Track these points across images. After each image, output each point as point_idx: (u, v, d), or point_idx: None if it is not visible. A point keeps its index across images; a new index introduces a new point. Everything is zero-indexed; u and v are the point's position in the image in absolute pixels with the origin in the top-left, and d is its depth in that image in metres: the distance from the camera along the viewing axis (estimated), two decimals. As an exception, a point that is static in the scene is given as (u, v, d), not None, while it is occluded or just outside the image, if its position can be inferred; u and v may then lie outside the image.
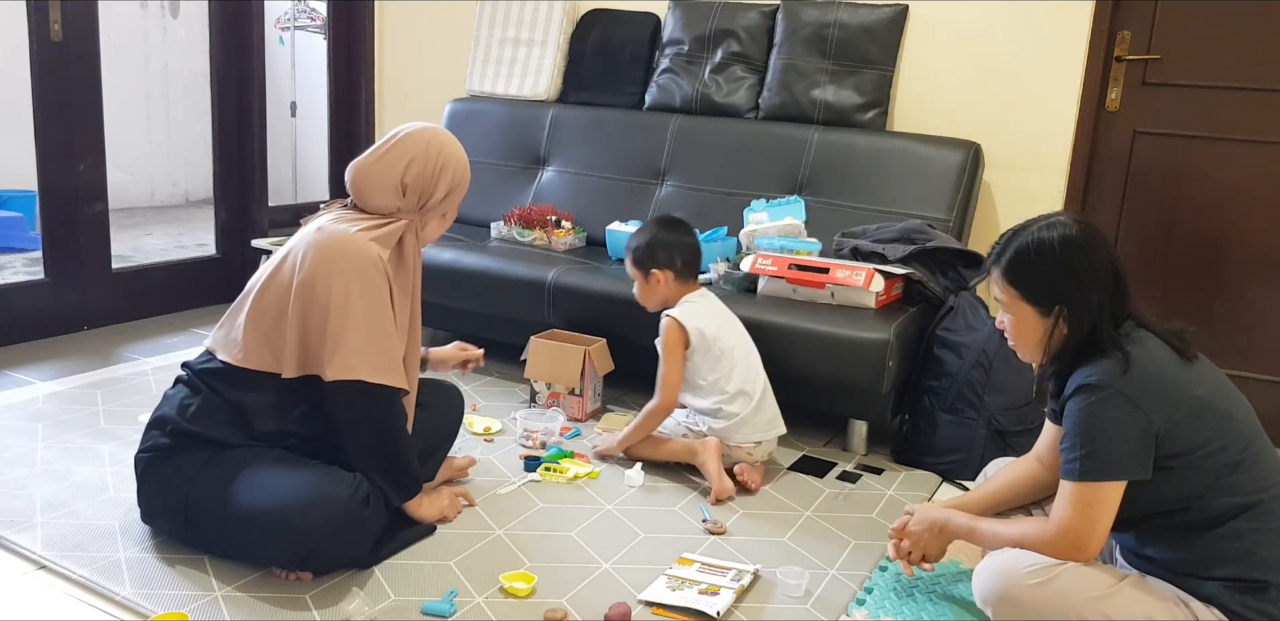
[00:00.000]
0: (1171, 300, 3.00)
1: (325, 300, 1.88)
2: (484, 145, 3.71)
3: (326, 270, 1.89)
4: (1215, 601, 1.57)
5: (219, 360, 1.97)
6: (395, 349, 1.95)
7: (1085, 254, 1.66)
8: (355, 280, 1.89)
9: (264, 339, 1.94)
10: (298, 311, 1.91)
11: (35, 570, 1.93)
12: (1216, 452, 1.58)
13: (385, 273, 1.94)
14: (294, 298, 1.91)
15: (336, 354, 1.87)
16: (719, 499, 2.34)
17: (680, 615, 1.85)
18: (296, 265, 1.92)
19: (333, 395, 1.90)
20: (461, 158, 2.08)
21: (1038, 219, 1.72)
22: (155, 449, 1.97)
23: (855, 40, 3.21)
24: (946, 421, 2.57)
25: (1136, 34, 2.97)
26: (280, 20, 5.42)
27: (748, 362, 2.46)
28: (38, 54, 3.19)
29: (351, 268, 1.89)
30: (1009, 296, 1.72)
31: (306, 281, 1.90)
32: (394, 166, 2.00)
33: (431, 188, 2.03)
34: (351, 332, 1.88)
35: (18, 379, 2.96)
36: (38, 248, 3.85)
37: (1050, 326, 1.68)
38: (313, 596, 1.86)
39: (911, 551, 1.91)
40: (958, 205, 2.99)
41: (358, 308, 1.88)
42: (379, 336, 1.91)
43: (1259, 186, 2.89)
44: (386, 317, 1.93)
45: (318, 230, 1.95)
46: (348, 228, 1.95)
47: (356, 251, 1.91)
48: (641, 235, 2.56)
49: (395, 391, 1.94)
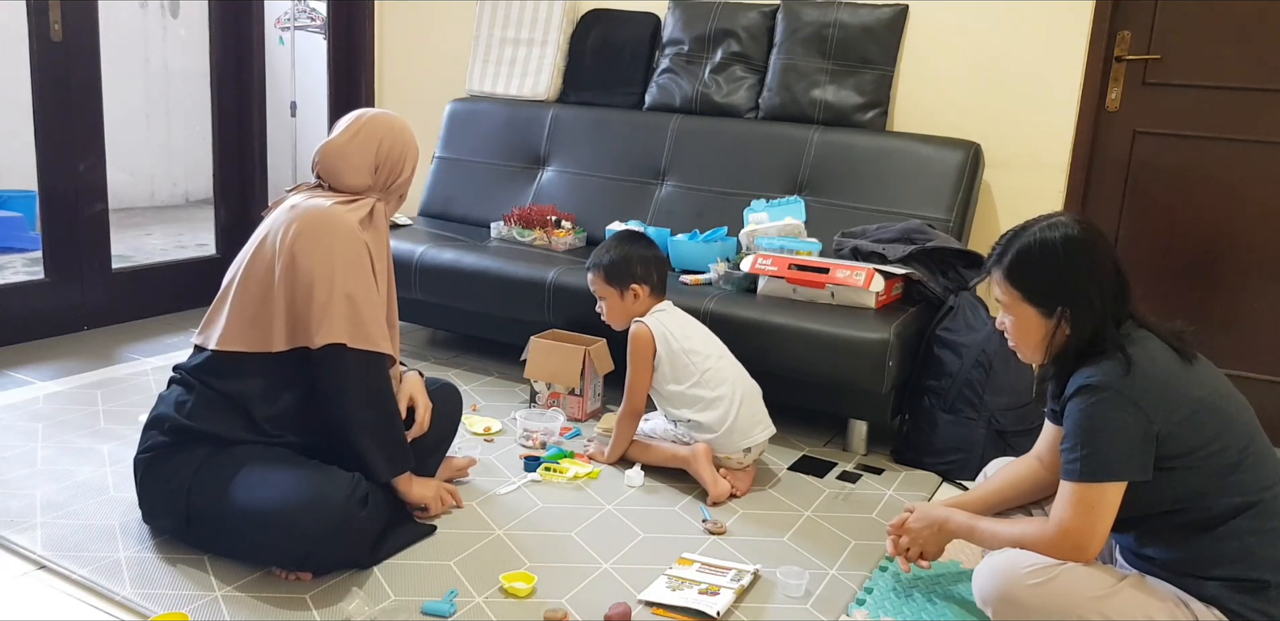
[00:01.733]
0: (1171, 300, 3.00)
1: (309, 271, 1.93)
2: (484, 145, 3.71)
3: (308, 242, 1.94)
4: (1215, 601, 1.57)
5: (208, 352, 2.00)
6: (379, 316, 2.01)
7: (1088, 254, 1.65)
8: (339, 250, 1.95)
9: (250, 321, 1.98)
10: (284, 286, 1.95)
11: (35, 570, 1.93)
12: (1217, 453, 1.58)
13: (364, 242, 2.00)
14: (280, 273, 1.95)
15: (324, 322, 1.92)
16: (716, 502, 2.34)
17: (680, 615, 1.85)
18: (277, 243, 1.96)
19: (321, 363, 1.93)
20: (415, 142, 2.18)
21: (1038, 219, 1.72)
22: (154, 448, 1.97)
23: (855, 40, 3.21)
24: (946, 421, 2.57)
25: (1136, 34, 2.97)
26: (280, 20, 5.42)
27: (720, 368, 2.43)
28: (38, 54, 3.19)
29: (333, 238, 1.96)
30: (1011, 297, 1.72)
31: (290, 255, 1.94)
32: (366, 147, 2.08)
33: (399, 168, 2.12)
34: (337, 301, 1.93)
35: (18, 379, 2.96)
36: (38, 248, 3.85)
37: (1052, 327, 1.68)
38: (313, 596, 1.86)
39: (909, 548, 1.91)
40: (958, 205, 2.99)
41: (341, 276, 1.94)
42: (363, 304, 1.96)
43: (1259, 186, 2.89)
44: (370, 286, 1.99)
45: (292, 208, 2.01)
46: (321, 201, 2.01)
47: (336, 222, 1.97)
48: (611, 252, 2.52)
49: (382, 357, 2.00)
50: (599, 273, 2.53)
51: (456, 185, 3.74)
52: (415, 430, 2.14)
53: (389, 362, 2.04)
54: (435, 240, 3.27)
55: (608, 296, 2.54)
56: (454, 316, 3.24)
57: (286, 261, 1.94)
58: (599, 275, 2.53)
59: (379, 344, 1.97)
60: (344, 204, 2.03)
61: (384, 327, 2.02)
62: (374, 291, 2.00)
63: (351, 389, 1.95)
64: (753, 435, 2.42)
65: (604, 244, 2.60)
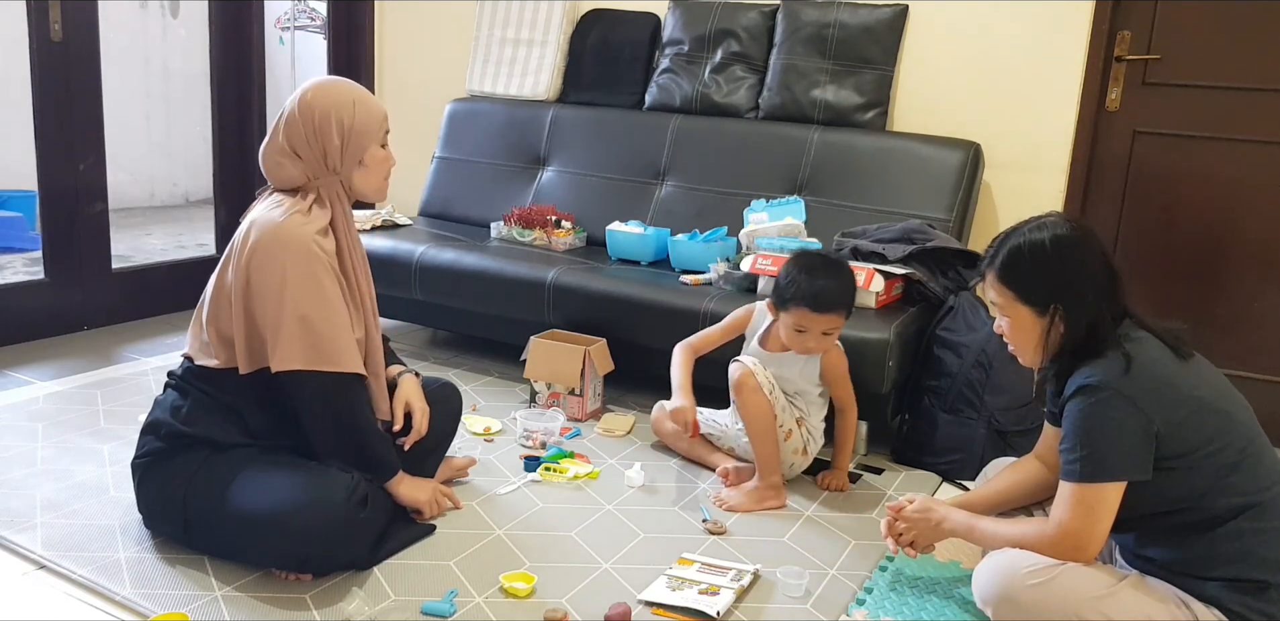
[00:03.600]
0: (1171, 300, 3.00)
1: (261, 293, 1.88)
2: (484, 145, 3.71)
3: (258, 263, 1.88)
4: (1215, 602, 1.58)
5: (192, 363, 1.99)
6: (339, 334, 1.91)
7: (1077, 251, 1.67)
8: (289, 269, 1.87)
9: (224, 338, 1.95)
10: (240, 308, 1.91)
11: (35, 570, 1.93)
12: (1216, 453, 1.58)
13: (319, 252, 1.90)
14: (236, 295, 1.91)
15: (278, 345, 1.87)
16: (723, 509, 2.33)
17: (680, 615, 1.85)
18: (235, 263, 1.92)
19: (285, 385, 1.90)
20: (342, 98, 1.96)
21: (1028, 221, 1.74)
22: (151, 453, 1.98)
23: (855, 40, 3.21)
24: (946, 421, 2.57)
25: (1136, 34, 2.97)
26: (280, 20, 5.42)
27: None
28: (38, 54, 3.19)
29: (282, 257, 1.87)
30: (1005, 298, 1.72)
31: (242, 278, 1.89)
32: (276, 137, 1.96)
33: (322, 142, 1.94)
34: (289, 322, 1.86)
35: (18, 379, 2.96)
36: (38, 248, 3.85)
37: (1047, 326, 1.69)
38: (313, 596, 1.86)
39: (903, 534, 1.90)
40: (958, 205, 2.99)
41: (293, 298, 1.86)
42: (319, 324, 1.88)
43: (1259, 186, 2.89)
44: (326, 302, 1.90)
45: (250, 224, 1.93)
46: (276, 214, 1.91)
47: (285, 238, 1.88)
48: None
49: (344, 376, 1.91)
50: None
51: (456, 185, 3.74)
52: (413, 435, 2.10)
53: (353, 379, 1.95)
54: (435, 240, 3.27)
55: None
56: (454, 316, 3.24)
57: (241, 284, 1.90)
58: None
59: (341, 362, 1.90)
60: (302, 214, 1.92)
61: (346, 343, 1.92)
62: (332, 308, 1.90)
63: (317, 411, 1.93)
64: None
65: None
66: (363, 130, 1.97)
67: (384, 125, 2.02)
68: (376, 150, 2.00)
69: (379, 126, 2.00)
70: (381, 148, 2.02)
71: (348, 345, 1.92)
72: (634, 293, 2.84)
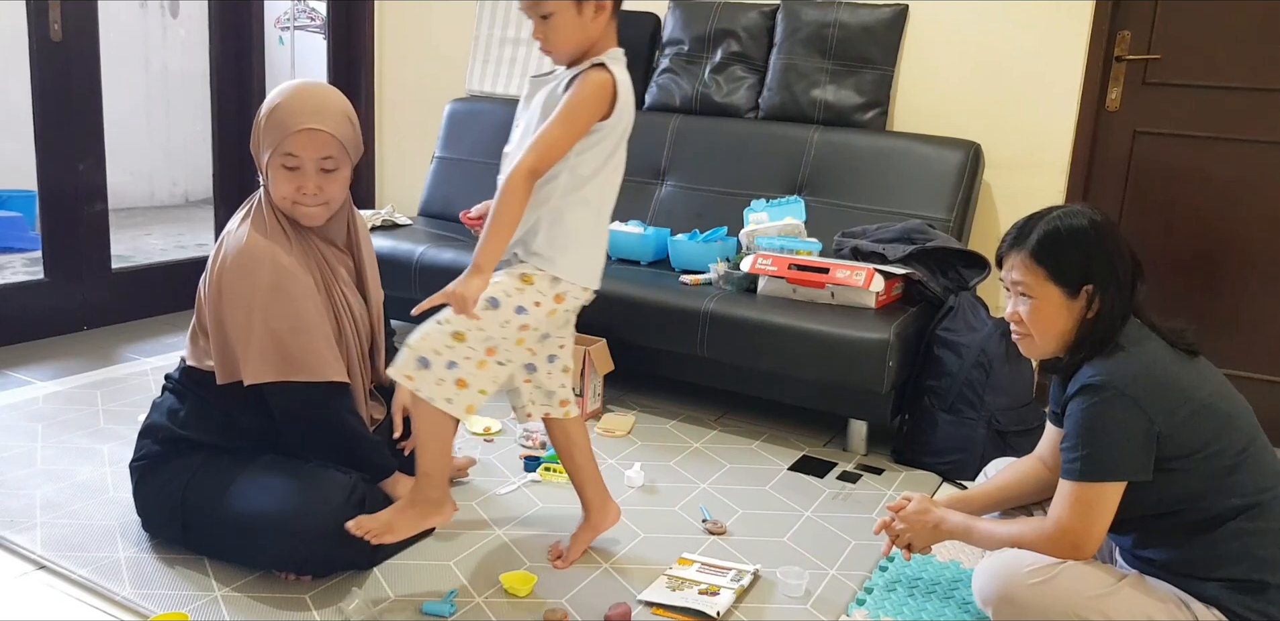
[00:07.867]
0: (1171, 300, 3.00)
1: (229, 306, 1.88)
2: (484, 145, 3.70)
3: (222, 278, 1.89)
4: (1215, 602, 1.58)
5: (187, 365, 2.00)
6: (313, 342, 1.89)
7: (1114, 236, 1.68)
8: (249, 280, 1.87)
9: (204, 347, 1.96)
10: (214, 321, 1.92)
11: (35, 570, 1.93)
12: (1216, 454, 1.58)
13: (279, 261, 1.88)
14: (209, 310, 1.92)
15: (247, 358, 1.87)
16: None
17: (680, 615, 1.85)
18: (209, 278, 1.94)
19: (266, 398, 1.90)
20: (276, 95, 1.92)
21: (1052, 208, 1.72)
22: (148, 457, 1.98)
23: (855, 40, 3.20)
24: (946, 421, 2.57)
25: (1136, 34, 2.97)
26: (280, 20, 5.42)
27: None
28: (38, 54, 3.19)
29: (242, 270, 1.87)
30: (1034, 277, 1.68)
31: (215, 295, 1.91)
32: None
33: (257, 124, 1.93)
34: (259, 336, 1.86)
35: (18, 379, 2.96)
36: (38, 248, 3.85)
37: (1080, 308, 1.66)
38: (312, 596, 1.86)
39: (899, 535, 1.89)
40: (958, 205, 2.99)
41: (261, 312, 1.86)
42: (288, 335, 1.87)
43: (1259, 186, 2.89)
44: (297, 313, 1.88)
45: (222, 238, 1.96)
46: (236, 226, 1.94)
47: (242, 251, 1.88)
48: None
49: (316, 385, 1.90)
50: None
51: (456, 185, 3.74)
52: (412, 440, 2.08)
53: (329, 386, 1.92)
54: (435, 240, 3.26)
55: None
56: (454, 316, 3.23)
57: (214, 300, 1.91)
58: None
59: (318, 371, 1.88)
60: (259, 227, 1.91)
61: (323, 352, 1.90)
62: (304, 319, 1.89)
63: (293, 420, 1.93)
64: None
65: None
66: (268, 128, 1.90)
67: (290, 137, 1.87)
68: (274, 158, 1.89)
69: (281, 133, 1.87)
70: (284, 166, 1.88)
71: (324, 354, 1.91)
72: (634, 293, 2.84)
